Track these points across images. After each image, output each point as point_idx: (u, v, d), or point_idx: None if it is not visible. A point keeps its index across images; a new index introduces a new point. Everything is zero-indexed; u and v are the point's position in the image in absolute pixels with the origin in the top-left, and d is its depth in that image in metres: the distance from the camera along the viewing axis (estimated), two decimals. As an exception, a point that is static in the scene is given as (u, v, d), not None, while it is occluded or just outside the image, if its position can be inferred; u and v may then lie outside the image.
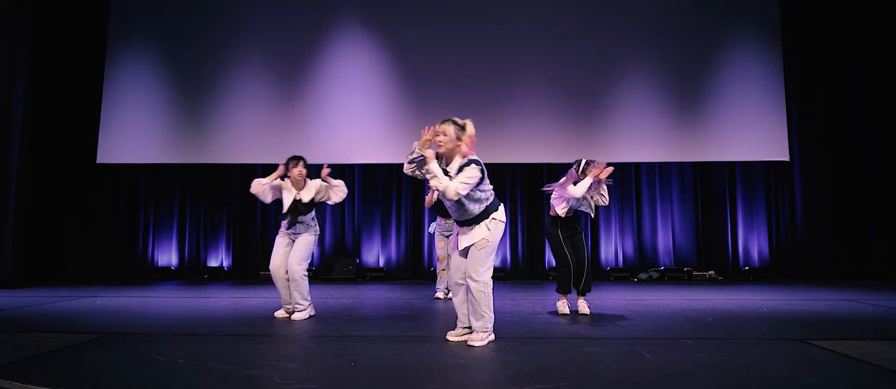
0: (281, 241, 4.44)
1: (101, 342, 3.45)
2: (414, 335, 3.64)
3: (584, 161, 4.51)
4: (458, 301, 3.46)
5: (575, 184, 4.45)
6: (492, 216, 3.30)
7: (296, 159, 4.42)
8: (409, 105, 8.07)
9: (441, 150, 3.28)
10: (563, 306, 4.62)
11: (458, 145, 3.26)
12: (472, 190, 3.20)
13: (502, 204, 3.44)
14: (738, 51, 8.11)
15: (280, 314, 4.43)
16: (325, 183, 4.47)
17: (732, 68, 8.08)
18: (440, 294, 5.81)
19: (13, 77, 7.11)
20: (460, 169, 3.20)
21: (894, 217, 7.77)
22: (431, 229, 5.94)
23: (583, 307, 4.65)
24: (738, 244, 8.45)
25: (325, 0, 8.30)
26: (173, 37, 8.26)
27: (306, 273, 4.35)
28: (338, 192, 4.50)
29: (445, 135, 3.24)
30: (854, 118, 8.16)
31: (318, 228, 4.53)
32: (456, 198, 3.16)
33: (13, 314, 4.63)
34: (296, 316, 4.32)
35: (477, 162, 3.22)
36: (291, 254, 4.34)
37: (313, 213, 4.48)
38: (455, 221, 3.41)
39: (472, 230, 3.29)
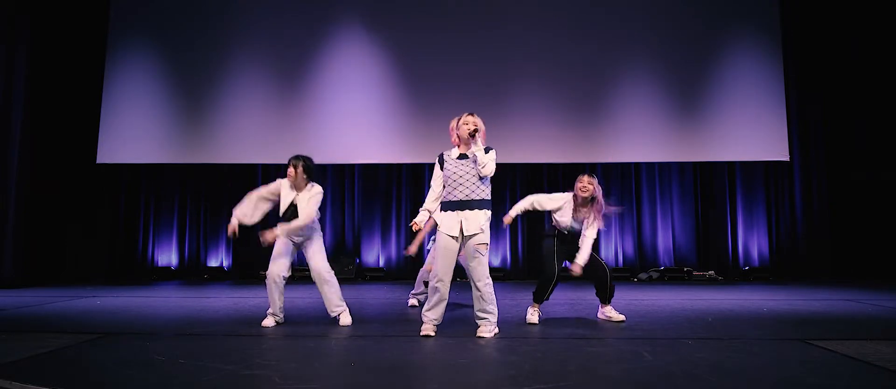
0: (280, 244, 4.09)
1: (101, 342, 3.45)
2: (414, 335, 3.63)
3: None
4: (438, 313, 3.58)
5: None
6: (489, 212, 3.58)
7: (296, 158, 4.07)
8: (410, 106, 8.07)
9: (479, 136, 3.57)
10: (532, 314, 4.20)
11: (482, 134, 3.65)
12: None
13: None
14: (738, 51, 8.11)
15: (268, 322, 4.03)
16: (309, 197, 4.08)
17: (732, 68, 8.08)
18: (414, 301, 5.28)
19: (13, 77, 7.10)
20: (486, 151, 3.57)
21: (894, 217, 7.77)
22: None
23: (612, 313, 4.29)
24: (738, 244, 8.44)
25: (326, 1, 8.31)
26: (173, 37, 8.25)
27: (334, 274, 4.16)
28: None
29: (476, 126, 3.57)
30: (854, 118, 8.16)
31: (320, 227, 4.22)
32: (491, 173, 3.56)
33: (13, 314, 4.62)
34: (343, 320, 4.09)
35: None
36: (317, 262, 4.07)
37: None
38: (457, 202, 3.55)
39: (472, 215, 3.52)
